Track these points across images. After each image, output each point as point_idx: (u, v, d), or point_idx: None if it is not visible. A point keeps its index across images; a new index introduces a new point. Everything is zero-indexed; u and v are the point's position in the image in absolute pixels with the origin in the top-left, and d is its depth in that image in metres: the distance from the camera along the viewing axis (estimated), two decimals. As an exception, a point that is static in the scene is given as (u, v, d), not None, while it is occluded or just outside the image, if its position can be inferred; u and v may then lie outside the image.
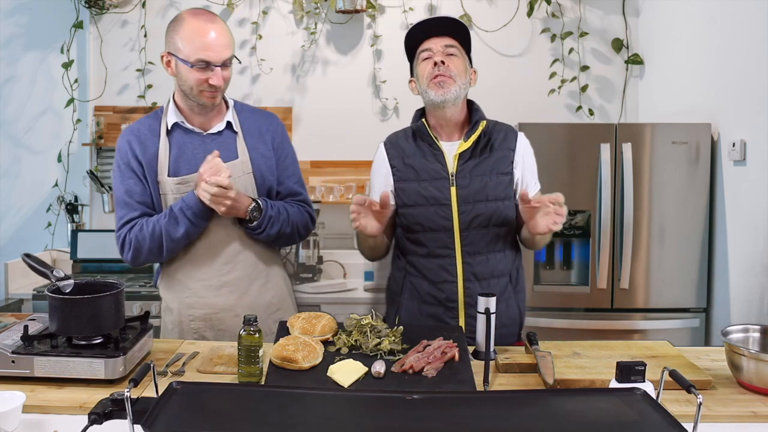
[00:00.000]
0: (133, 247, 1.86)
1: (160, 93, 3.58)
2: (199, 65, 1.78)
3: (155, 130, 1.91)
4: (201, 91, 1.81)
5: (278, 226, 1.89)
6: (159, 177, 1.86)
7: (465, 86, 1.85)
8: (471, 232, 1.82)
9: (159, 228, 1.82)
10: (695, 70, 2.95)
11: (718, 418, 1.33)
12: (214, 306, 1.91)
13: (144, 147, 1.88)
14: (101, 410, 1.11)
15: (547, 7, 3.50)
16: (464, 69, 1.85)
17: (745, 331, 1.61)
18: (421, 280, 1.87)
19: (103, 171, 3.62)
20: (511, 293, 1.89)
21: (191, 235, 1.84)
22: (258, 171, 1.92)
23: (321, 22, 3.57)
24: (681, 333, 2.83)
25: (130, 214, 1.87)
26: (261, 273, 1.96)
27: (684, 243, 2.81)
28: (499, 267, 1.85)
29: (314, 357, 1.47)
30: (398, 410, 1.10)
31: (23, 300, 3.10)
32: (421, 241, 1.85)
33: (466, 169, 1.83)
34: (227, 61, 1.82)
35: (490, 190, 1.82)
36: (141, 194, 1.88)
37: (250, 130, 1.95)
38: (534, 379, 1.51)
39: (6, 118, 3.58)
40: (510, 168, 1.85)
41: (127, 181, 1.88)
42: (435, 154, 1.85)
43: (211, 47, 1.77)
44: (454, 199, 1.81)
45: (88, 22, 3.55)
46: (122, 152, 1.90)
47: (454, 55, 1.83)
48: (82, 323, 1.46)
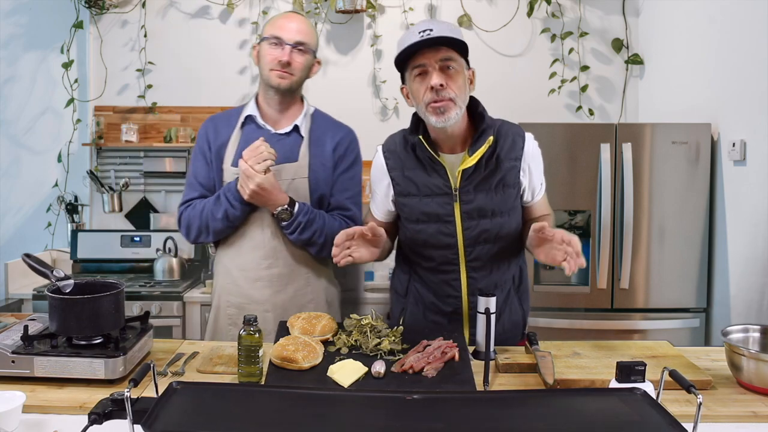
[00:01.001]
0: (186, 225, 1.97)
1: (160, 93, 3.58)
2: (272, 41, 1.89)
3: (232, 120, 2.00)
4: (271, 69, 1.90)
5: (309, 233, 1.89)
6: (224, 165, 1.94)
7: (466, 101, 1.69)
8: (476, 248, 1.74)
9: (206, 209, 1.91)
10: (695, 70, 2.95)
11: (718, 418, 1.33)
12: (249, 297, 1.96)
13: (217, 134, 1.98)
14: (101, 410, 1.11)
15: (547, 7, 3.50)
16: (463, 83, 1.67)
17: (745, 331, 1.61)
18: (426, 290, 1.84)
19: (103, 171, 3.62)
20: (513, 297, 1.85)
21: (231, 218, 1.89)
22: (314, 177, 1.94)
23: (321, 22, 3.57)
24: (681, 333, 2.83)
25: (190, 194, 1.98)
26: (301, 276, 1.97)
27: (684, 243, 2.81)
28: (503, 278, 1.81)
29: (314, 357, 1.47)
30: (398, 410, 1.10)
31: (23, 300, 3.10)
32: (424, 255, 1.80)
33: (470, 185, 1.71)
34: (300, 44, 1.90)
35: (495, 206, 1.72)
36: (205, 177, 1.98)
37: (318, 138, 1.99)
38: (534, 379, 1.51)
39: (6, 118, 3.58)
40: (517, 179, 1.74)
41: (196, 163, 2.00)
42: (436, 169, 1.73)
43: (286, 27, 1.90)
44: (458, 216, 1.72)
45: (88, 22, 3.55)
46: (200, 136, 2.02)
47: (451, 69, 1.64)
48: (82, 323, 1.46)
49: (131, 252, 3.41)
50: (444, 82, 1.63)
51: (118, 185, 3.54)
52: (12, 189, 3.60)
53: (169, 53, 3.59)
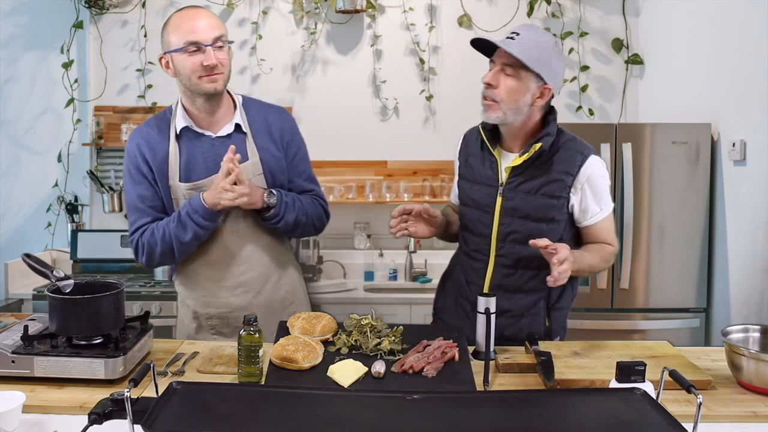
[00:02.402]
0: (146, 252, 1.88)
1: (160, 93, 3.58)
2: (189, 48, 1.76)
3: (164, 133, 1.88)
4: (199, 77, 1.78)
5: (294, 212, 1.88)
6: (170, 182, 1.86)
7: (516, 109, 1.71)
8: (507, 245, 1.78)
9: (168, 233, 1.83)
10: (695, 70, 2.95)
11: (718, 418, 1.33)
12: (230, 305, 1.93)
13: (153, 151, 1.86)
14: (101, 410, 1.11)
15: (547, 7, 3.50)
16: (517, 90, 1.69)
17: (745, 331, 1.61)
18: (461, 274, 1.91)
19: (103, 171, 3.62)
20: (541, 311, 1.82)
21: (200, 238, 1.84)
22: (268, 171, 1.91)
23: (321, 22, 3.57)
24: (681, 333, 2.83)
25: (141, 219, 1.88)
26: (274, 271, 1.97)
27: (684, 243, 2.81)
28: (530, 284, 1.79)
29: (314, 357, 1.47)
30: (398, 410, 1.10)
31: (23, 300, 3.11)
32: (465, 238, 1.89)
33: (515, 183, 1.77)
34: (218, 40, 1.78)
35: (532, 210, 1.74)
36: (152, 199, 1.88)
37: (260, 129, 1.93)
38: (534, 379, 1.51)
39: (6, 118, 3.58)
40: (564, 193, 1.74)
41: (137, 186, 1.88)
42: (490, 161, 1.82)
43: (198, 28, 1.77)
44: (498, 209, 1.78)
45: (88, 22, 3.55)
46: (132, 156, 1.88)
47: (508, 75, 1.69)
48: (82, 323, 1.46)
49: (131, 252, 3.40)
50: (495, 82, 1.71)
51: (118, 185, 3.54)
52: (12, 189, 3.60)
53: (169, 53, 3.59)
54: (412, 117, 3.56)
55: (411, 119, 3.57)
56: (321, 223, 2.01)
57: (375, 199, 3.49)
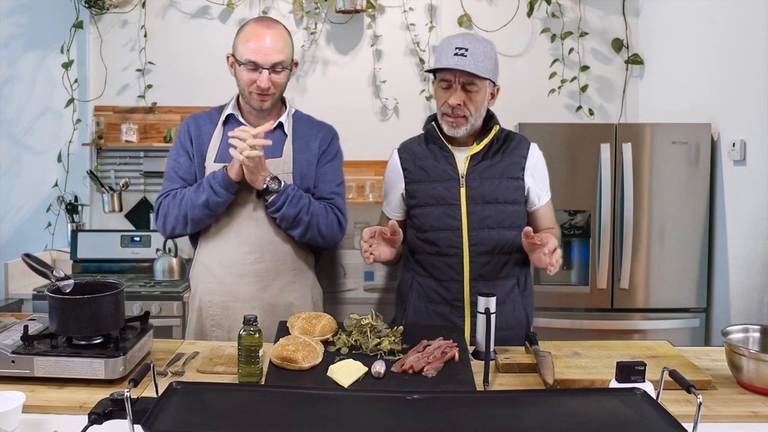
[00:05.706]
0: (162, 215, 1.94)
1: (160, 93, 3.58)
2: (248, 65, 1.86)
3: (214, 118, 2.00)
4: (251, 92, 1.89)
5: (297, 208, 1.86)
6: (206, 162, 1.94)
7: (479, 116, 1.84)
8: (480, 233, 1.83)
9: (185, 196, 1.89)
10: (695, 70, 2.95)
11: (718, 418, 1.33)
12: (233, 294, 1.94)
13: (199, 131, 1.98)
14: (101, 410, 1.11)
15: (547, 7, 3.50)
16: (483, 99, 1.82)
17: (745, 331, 1.61)
18: (429, 279, 1.89)
19: (103, 171, 3.62)
20: (518, 296, 1.89)
21: (212, 206, 1.86)
22: (298, 172, 1.95)
23: (321, 22, 3.57)
24: (681, 333, 2.83)
25: (170, 186, 1.96)
26: (288, 271, 1.97)
27: (684, 243, 2.81)
28: (506, 269, 1.87)
29: (314, 357, 1.47)
30: (398, 410, 1.10)
31: (23, 300, 3.10)
32: (430, 240, 1.88)
33: (477, 171, 1.85)
34: (277, 65, 1.87)
35: (500, 193, 1.84)
36: (186, 170, 1.96)
37: (301, 137, 2.00)
38: (534, 379, 1.51)
39: (6, 118, 3.58)
40: (521, 174, 1.87)
41: (178, 159, 1.98)
42: (446, 157, 1.88)
43: (261, 50, 1.85)
44: (463, 200, 1.84)
45: (88, 22, 3.55)
46: (182, 133, 2.01)
47: (473, 90, 1.79)
48: (82, 323, 1.46)
49: (131, 252, 3.42)
50: (462, 102, 1.79)
51: (118, 185, 3.54)
52: (12, 189, 3.60)
53: (169, 53, 3.59)
54: (412, 117, 3.56)
55: (411, 119, 3.56)
56: (330, 232, 1.95)
57: (375, 199, 3.48)
